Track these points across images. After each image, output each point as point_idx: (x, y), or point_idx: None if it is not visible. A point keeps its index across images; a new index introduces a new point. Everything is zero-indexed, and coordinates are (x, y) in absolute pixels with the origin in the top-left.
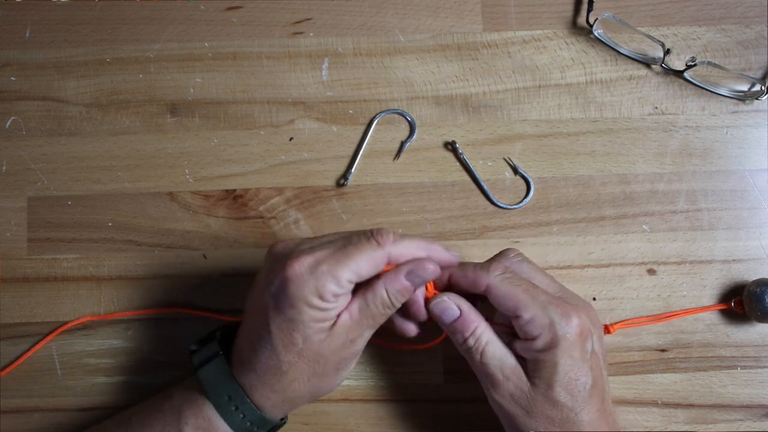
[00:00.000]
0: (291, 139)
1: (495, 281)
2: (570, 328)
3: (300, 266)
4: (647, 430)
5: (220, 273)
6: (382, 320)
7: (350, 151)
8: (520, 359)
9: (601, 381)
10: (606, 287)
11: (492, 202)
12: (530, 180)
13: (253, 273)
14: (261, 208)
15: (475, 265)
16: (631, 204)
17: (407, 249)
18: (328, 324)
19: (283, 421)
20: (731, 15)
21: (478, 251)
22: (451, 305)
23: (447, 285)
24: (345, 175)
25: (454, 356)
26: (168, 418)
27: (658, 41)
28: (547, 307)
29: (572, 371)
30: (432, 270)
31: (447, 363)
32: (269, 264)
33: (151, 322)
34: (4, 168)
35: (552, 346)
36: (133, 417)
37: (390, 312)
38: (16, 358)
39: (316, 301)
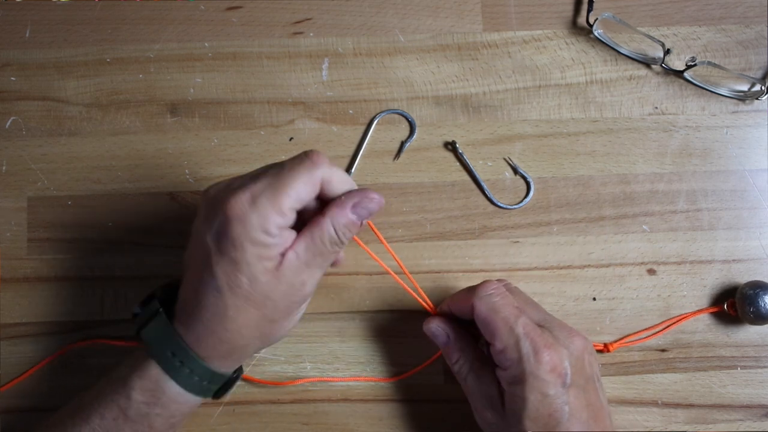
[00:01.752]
0: (291, 139)
1: (478, 303)
2: (540, 365)
3: (238, 204)
4: (647, 430)
5: None
6: (331, 258)
7: (350, 151)
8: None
9: (582, 413)
10: (606, 287)
11: (492, 202)
12: (530, 180)
13: None
14: None
15: (468, 288)
16: (631, 204)
17: (338, 174)
18: (273, 263)
19: (236, 374)
20: (731, 15)
21: (478, 251)
22: (441, 332)
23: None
24: None
25: None
26: (116, 385)
27: (658, 41)
28: (520, 341)
29: (543, 407)
30: (377, 200)
31: (447, 363)
32: (205, 209)
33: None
34: (4, 168)
35: (520, 380)
36: (85, 395)
37: (338, 249)
38: (39, 360)
39: (261, 236)
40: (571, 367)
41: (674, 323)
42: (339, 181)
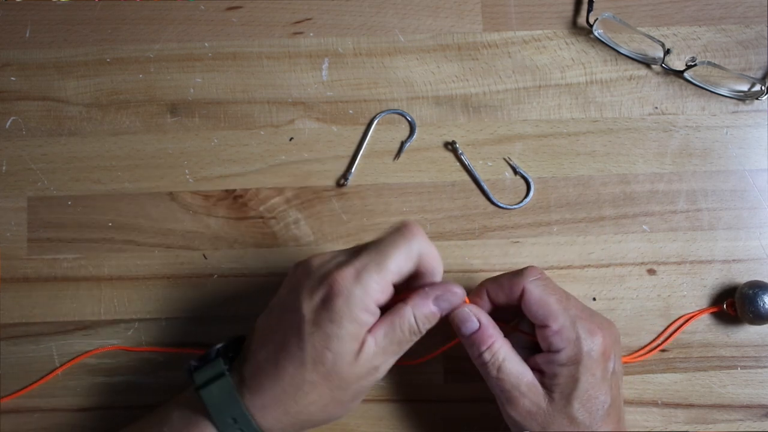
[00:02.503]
0: (291, 139)
1: (530, 286)
2: (595, 345)
3: (345, 279)
4: (647, 430)
5: (220, 273)
6: (407, 347)
7: (350, 151)
8: (538, 374)
9: (618, 402)
10: (606, 287)
11: (492, 202)
12: (530, 180)
13: (254, 273)
14: (261, 208)
15: (510, 273)
16: (631, 204)
17: (432, 249)
18: (358, 345)
19: None
20: (731, 15)
21: (478, 251)
22: (471, 317)
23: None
24: (345, 175)
25: (454, 356)
26: None
27: (658, 41)
28: (576, 321)
29: (592, 389)
30: (460, 294)
31: (447, 363)
32: (304, 278)
33: (152, 322)
34: (4, 168)
35: (575, 361)
36: None
37: (415, 339)
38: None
39: (361, 314)
40: (615, 355)
41: (678, 329)
42: (432, 257)
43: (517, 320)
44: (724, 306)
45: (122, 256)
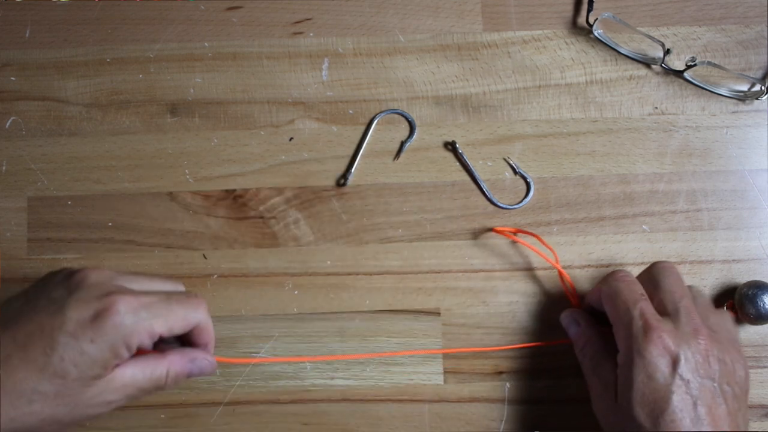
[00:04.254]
0: (291, 139)
1: (603, 286)
2: (649, 345)
3: (125, 305)
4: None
5: (220, 273)
6: (144, 396)
7: (350, 151)
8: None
9: (692, 411)
10: None
11: (492, 202)
12: (530, 180)
13: (254, 273)
14: (261, 208)
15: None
16: (631, 204)
17: (210, 328)
18: (103, 373)
19: None
20: (731, 15)
21: (478, 251)
22: (570, 320)
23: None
24: (345, 175)
25: (454, 356)
26: None
27: (658, 41)
28: (633, 320)
29: (649, 391)
30: (213, 366)
31: (447, 363)
32: (85, 290)
33: None
34: (4, 168)
35: (628, 363)
36: None
37: (156, 392)
38: None
39: (120, 347)
40: (687, 359)
41: None
42: (208, 333)
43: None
44: (725, 308)
45: (122, 256)
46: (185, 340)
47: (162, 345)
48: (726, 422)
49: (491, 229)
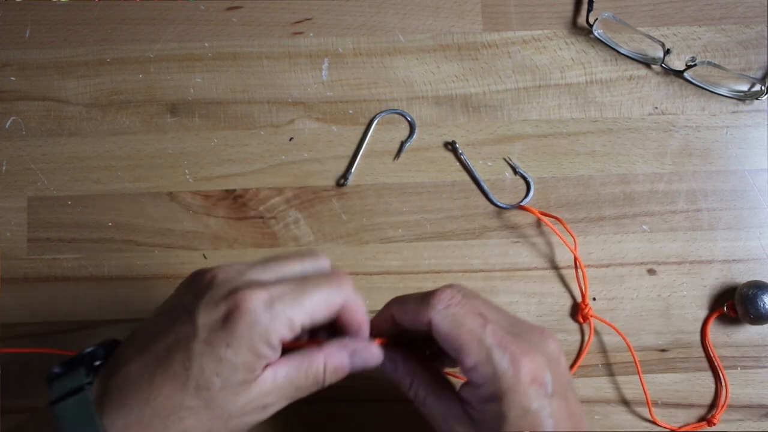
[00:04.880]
0: (291, 139)
1: (437, 317)
2: (519, 377)
3: (255, 301)
4: (647, 430)
5: None
6: (303, 394)
7: (350, 151)
8: (468, 405)
9: (565, 424)
10: (606, 287)
11: (492, 202)
12: (530, 180)
13: None
14: (261, 208)
15: (417, 297)
16: (631, 204)
17: (359, 306)
18: (252, 377)
19: None
20: (731, 15)
21: (478, 251)
22: (388, 359)
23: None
24: (345, 175)
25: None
26: None
27: (658, 41)
28: (492, 353)
29: (524, 422)
30: (377, 356)
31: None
32: (209, 288)
33: None
34: (4, 168)
35: (497, 397)
36: None
37: (316, 389)
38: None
39: (261, 347)
40: (551, 375)
41: (706, 339)
42: (357, 312)
43: (434, 348)
44: (725, 308)
45: (122, 256)
46: (337, 327)
47: (319, 336)
48: (583, 417)
49: (519, 206)
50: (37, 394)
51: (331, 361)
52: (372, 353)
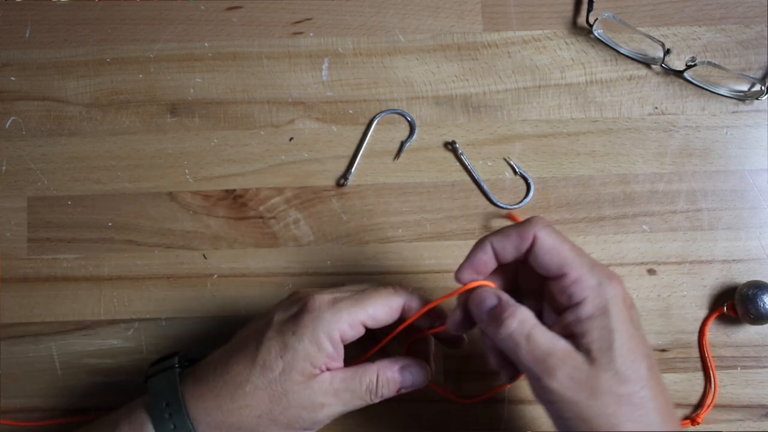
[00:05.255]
0: (291, 139)
1: (542, 232)
2: (617, 291)
3: (320, 300)
4: (647, 429)
5: (220, 273)
6: (357, 404)
7: (350, 151)
8: (568, 339)
9: (652, 354)
10: None
11: (492, 202)
12: (530, 180)
13: (254, 273)
14: (261, 208)
15: (514, 225)
16: (631, 204)
17: (417, 301)
18: (312, 370)
19: None
20: (731, 15)
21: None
22: (489, 294)
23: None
24: (345, 175)
25: (454, 356)
26: (106, 426)
27: (658, 41)
28: (593, 267)
29: (631, 339)
30: (424, 378)
31: (447, 363)
32: (289, 300)
33: (151, 322)
34: (4, 168)
35: (603, 310)
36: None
37: (368, 400)
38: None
39: (322, 339)
40: (632, 302)
41: (703, 340)
42: (418, 307)
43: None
44: (725, 309)
45: (122, 256)
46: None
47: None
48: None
49: (507, 215)
50: (36, 394)
51: (383, 373)
52: (421, 370)
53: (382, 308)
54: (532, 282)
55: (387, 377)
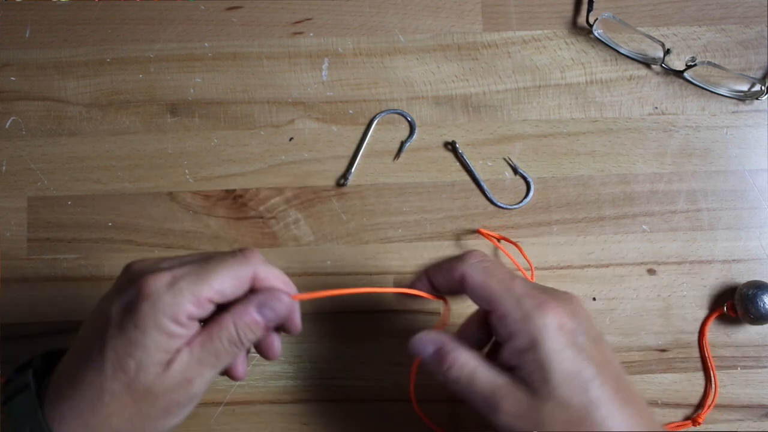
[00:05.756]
0: (291, 139)
1: (470, 269)
2: (549, 319)
3: (156, 282)
4: (647, 429)
5: None
6: (226, 360)
7: (350, 151)
8: (509, 371)
9: (610, 369)
10: (606, 287)
11: (492, 202)
12: (530, 180)
13: None
14: (261, 208)
15: (450, 258)
16: (631, 204)
17: (272, 273)
18: (167, 356)
19: None
20: (731, 15)
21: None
22: (428, 340)
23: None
24: (345, 175)
25: None
26: None
27: (658, 41)
28: (521, 300)
29: (572, 363)
30: (287, 302)
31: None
32: (120, 280)
33: None
34: (4, 168)
35: (533, 343)
36: None
37: (237, 351)
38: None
39: (168, 324)
40: (577, 324)
41: (703, 340)
42: (275, 279)
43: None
44: (725, 308)
45: (122, 256)
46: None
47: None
48: (622, 369)
49: (476, 231)
50: None
51: (240, 319)
52: (278, 299)
53: (229, 280)
54: None
55: (246, 322)
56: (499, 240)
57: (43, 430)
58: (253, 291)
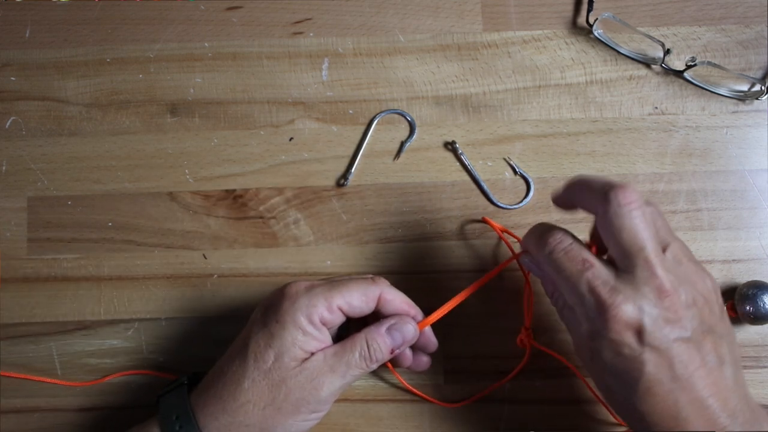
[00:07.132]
0: (291, 139)
1: (544, 259)
2: (607, 324)
3: (297, 286)
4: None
5: (220, 273)
6: (355, 373)
7: (350, 151)
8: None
9: (669, 372)
10: None
11: (492, 202)
12: (530, 180)
13: (254, 273)
14: (261, 208)
15: (600, 185)
16: None
17: (398, 296)
18: (302, 354)
19: None
20: (731, 15)
21: (477, 251)
22: (532, 267)
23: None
24: (345, 175)
25: (454, 356)
26: None
27: (658, 41)
28: (583, 300)
29: (620, 364)
30: (413, 332)
31: (447, 363)
32: (270, 294)
33: (151, 322)
34: (4, 168)
35: (591, 339)
36: None
37: (365, 367)
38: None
39: (303, 322)
40: (654, 324)
41: None
42: (400, 302)
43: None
44: (725, 308)
45: (122, 256)
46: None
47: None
48: (704, 372)
49: (482, 219)
50: (36, 394)
51: (372, 338)
52: (406, 325)
53: (357, 295)
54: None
55: (377, 341)
56: (503, 231)
57: (188, 414)
58: (379, 312)
